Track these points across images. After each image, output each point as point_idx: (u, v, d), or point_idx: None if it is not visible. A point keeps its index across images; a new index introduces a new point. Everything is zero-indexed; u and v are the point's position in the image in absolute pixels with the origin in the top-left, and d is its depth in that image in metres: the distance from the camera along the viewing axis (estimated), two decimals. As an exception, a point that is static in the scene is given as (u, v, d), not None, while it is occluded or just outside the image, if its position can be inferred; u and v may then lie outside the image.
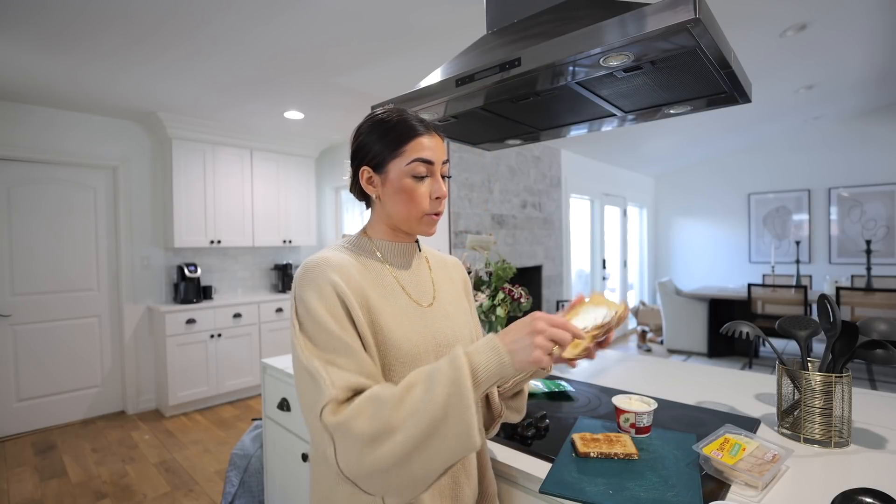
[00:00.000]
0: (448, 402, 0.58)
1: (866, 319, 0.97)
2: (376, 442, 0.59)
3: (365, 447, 0.59)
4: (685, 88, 1.02)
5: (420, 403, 0.59)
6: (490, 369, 0.62)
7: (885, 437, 0.99)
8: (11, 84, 2.80)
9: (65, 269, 3.41)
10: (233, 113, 3.52)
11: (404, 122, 0.77)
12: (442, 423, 0.58)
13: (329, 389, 0.63)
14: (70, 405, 3.43)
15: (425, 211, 0.78)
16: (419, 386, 0.61)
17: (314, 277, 0.71)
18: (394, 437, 0.58)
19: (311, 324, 0.68)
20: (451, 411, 0.58)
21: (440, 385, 0.59)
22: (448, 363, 0.61)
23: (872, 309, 4.09)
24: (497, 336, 0.64)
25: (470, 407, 0.58)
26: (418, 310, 0.79)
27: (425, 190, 0.78)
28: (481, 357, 0.62)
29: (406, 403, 0.60)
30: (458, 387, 0.58)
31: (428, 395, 0.59)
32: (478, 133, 1.45)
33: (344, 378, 0.64)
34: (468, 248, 1.75)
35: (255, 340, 3.95)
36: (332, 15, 2.11)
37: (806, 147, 5.88)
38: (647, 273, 7.28)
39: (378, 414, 0.60)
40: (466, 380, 0.59)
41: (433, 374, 0.61)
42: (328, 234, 4.84)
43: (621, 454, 0.89)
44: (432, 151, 0.77)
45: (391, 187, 0.78)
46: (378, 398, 0.61)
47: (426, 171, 0.77)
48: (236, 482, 1.85)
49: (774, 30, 2.77)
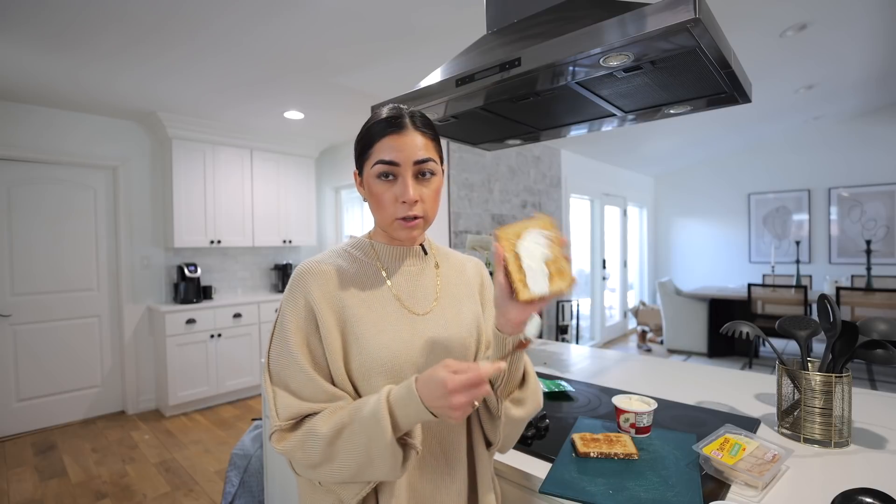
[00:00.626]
0: (370, 449, 0.64)
1: (866, 319, 0.97)
2: (315, 468, 0.68)
3: (307, 469, 0.69)
4: (685, 88, 1.02)
5: (346, 449, 0.65)
6: (410, 419, 0.64)
7: (885, 437, 0.99)
8: (11, 84, 2.80)
9: (65, 269, 3.41)
10: (233, 113, 3.52)
11: (377, 122, 0.74)
12: (368, 466, 0.65)
13: (274, 421, 0.69)
14: (70, 405, 3.42)
15: (393, 216, 0.73)
16: (347, 429, 0.65)
17: (293, 287, 0.75)
18: (329, 465, 0.67)
19: (278, 341, 0.73)
20: (375, 457, 0.64)
21: (363, 435, 0.64)
22: (371, 413, 0.64)
23: (872, 309, 4.09)
24: (416, 387, 0.63)
25: (390, 452, 0.63)
26: (408, 317, 0.76)
27: (391, 193, 0.72)
28: (402, 409, 0.64)
29: (336, 445, 0.66)
30: (379, 441, 0.63)
31: (353, 442, 0.65)
32: (478, 133, 1.45)
33: (290, 408, 0.69)
34: (468, 248, 1.75)
35: (255, 340, 3.95)
36: (332, 15, 2.11)
37: (806, 147, 5.88)
38: (647, 273, 7.28)
39: (312, 449, 0.67)
40: (386, 433, 0.62)
41: (357, 421, 0.65)
42: (328, 234, 4.84)
43: (621, 454, 0.89)
44: (399, 151, 0.71)
45: (366, 191, 0.76)
46: (312, 434, 0.67)
47: (390, 173, 0.72)
48: (236, 482, 1.85)
49: (774, 30, 2.77)
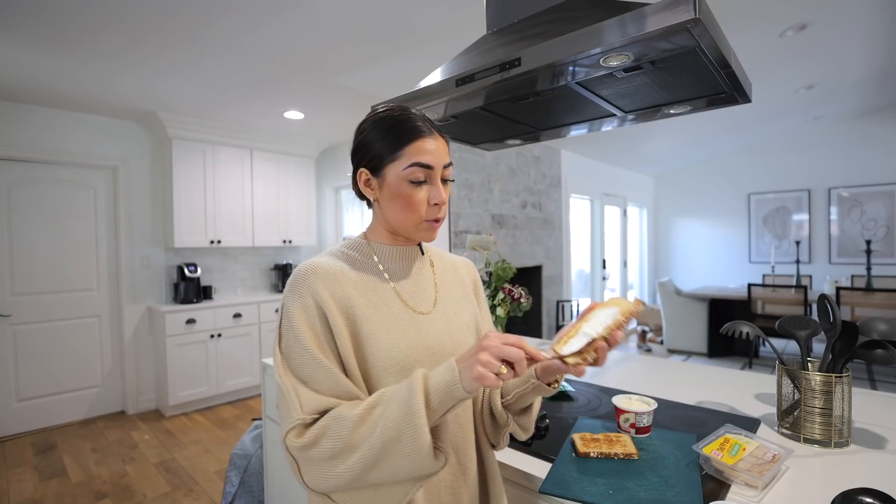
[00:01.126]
0: (401, 422, 0.59)
1: (866, 319, 0.97)
2: (335, 459, 0.61)
3: (326, 465, 0.62)
4: (685, 88, 1.02)
5: (377, 424, 0.61)
6: (440, 390, 0.61)
7: (885, 437, 0.99)
8: (11, 84, 2.80)
9: (65, 269, 3.41)
10: (233, 113, 3.52)
11: (405, 122, 0.73)
12: (395, 443, 0.59)
13: (297, 413, 0.64)
14: (70, 405, 3.43)
15: (423, 218, 0.75)
16: (379, 406, 0.62)
17: (298, 287, 0.71)
18: (352, 456, 0.61)
19: (290, 338, 0.69)
20: (404, 432, 0.59)
21: (394, 406, 0.61)
22: (406, 384, 0.62)
23: (872, 309, 4.09)
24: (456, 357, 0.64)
25: (421, 427, 0.58)
26: (413, 317, 0.76)
27: (423, 196, 0.73)
28: (437, 378, 0.62)
29: (366, 423, 0.61)
30: (409, 408, 0.59)
31: (384, 416, 0.61)
32: (478, 133, 1.45)
33: (314, 401, 0.65)
34: (468, 248, 1.75)
35: (255, 340, 3.95)
36: (332, 15, 2.11)
37: (806, 147, 5.88)
38: (647, 273, 7.28)
39: (339, 433, 0.62)
40: (419, 403, 0.59)
41: (392, 394, 0.62)
42: (328, 234, 4.84)
43: (621, 454, 0.89)
44: (433, 155, 0.73)
45: (388, 192, 0.74)
46: (340, 417, 0.63)
47: (424, 177, 0.73)
48: (236, 482, 1.85)
49: (774, 30, 2.77)
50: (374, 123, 0.76)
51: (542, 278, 4.84)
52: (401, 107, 0.77)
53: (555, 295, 5.08)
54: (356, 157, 0.78)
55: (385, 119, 0.75)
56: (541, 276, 4.84)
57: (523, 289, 1.64)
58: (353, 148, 0.78)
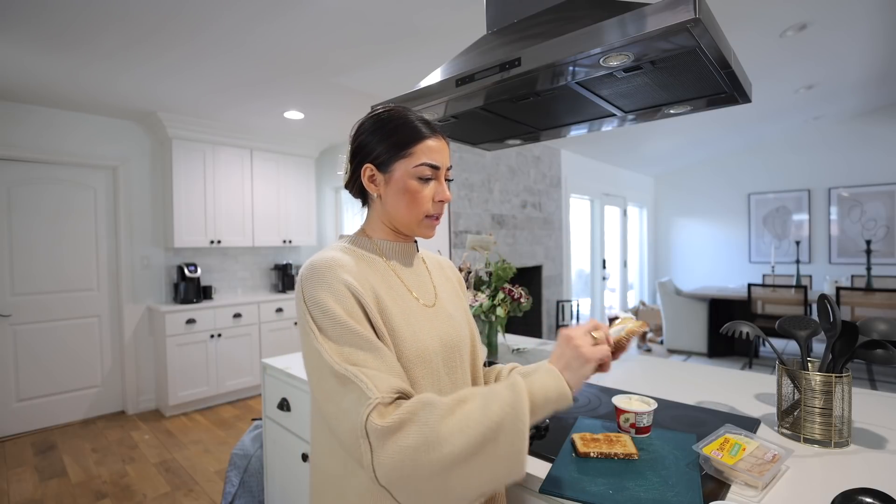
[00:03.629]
0: (503, 422, 0.57)
1: (866, 319, 0.97)
2: (420, 450, 0.57)
3: (409, 453, 0.57)
4: (685, 88, 1.02)
5: (472, 418, 0.58)
6: (550, 395, 0.63)
7: (885, 437, 0.99)
8: (11, 84, 2.80)
9: (65, 269, 3.41)
10: (233, 113, 3.52)
11: (415, 122, 0.77)
12: (492, 442, 0.57)
13: (374, 392, 0.60)
14: (70, 405, 3.43)
15: (427, 213, 0.78)
16: (474, 401, 0.60)
17: (325, 279, 0.69)
18: (439, 448, 0.56)
19: (332, 326, 0.66)
20: (504, 433, 0.57)
21: (497, 404, 0.59)
22: (507, 386, 0.62)
23: (872, 309, 4.09)
24: (550, 361, 0.68)
25: (523, 431, 0.58)
26: (424, 310, 0.79)
27: (429, 192, 0.77)
28: (541, 383, 0.63)
29: (457, 415, 0.58)
30: (515, 409, 0.58)
31: (482, 411, 0.58)
32: (478, 133, 1.45)
33: (385, 381, 0.62)
34: (468, 248, 1.75)
35: (255, 340, 3.95)
36: (333, 16, 2.11)
37: (806, 147, 5.88)
38: (647, 273, 7.28)
39: (428, 420, 0.58)
40: (524, 404, 0.59)
41: (490, 393, 0.61)
42: (328, 234, 4.84)
43: (621, 454, 0.89)
44: (440, 155, 0.77)
45: (395, 187, 0.77)
46: (431, 403, 0.59)
47: (432, 175, 0.77)
48: (236, 482, 1.85)
49: (774, 30, 2.77)
50: (380, 122, 0.78)
51: (542, 278, 4.84)
52: (403, 107, 0.80)
53: (555, 295, 5.08)
54: (359, 154, 0.79)
55: (394, 118, 0.77)
56: (541, 276, 4.84)
57: (523, 289, 1.64)
58: (357, 145, 0.79)
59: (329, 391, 0.64)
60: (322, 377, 0.65)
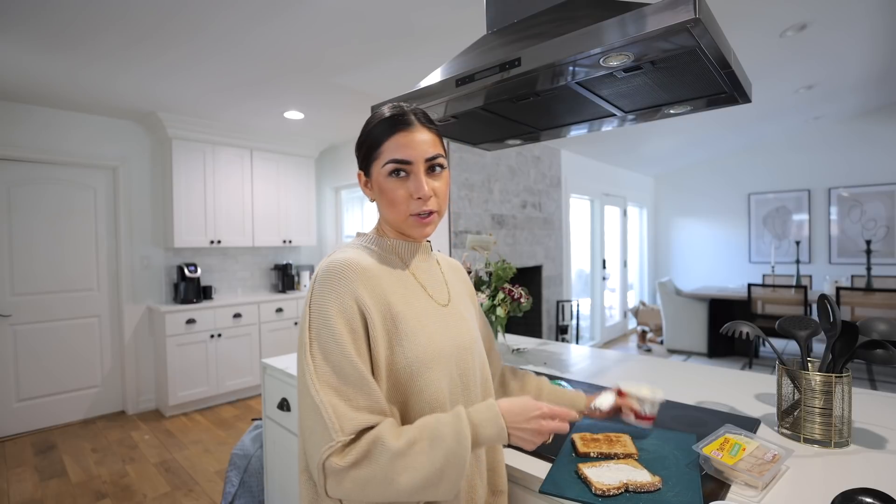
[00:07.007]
0: (445, 467, 0.63)
1: (866, 319, 0.97)
2: (371, 485, 0.62)
3: (361, 486, 0.62)
4: (685, 88, 1.02)
5: (419, 462, 0.62)
6: (489, 439, 0.68)
7: (885, 437, 0.99)
8: (11, 84, 2.80)
9: (65, 269, 3.41)
10: (233, 113, 3.52)
11: (382, 122, 0.75)
12: (435, 485, 0.63)
13: (337, 435, 0.63)
14: (70, 405, 3.43)
15: (408, 212, 0.75)
16: (421, 443, 0.64)
17: (335, 286, 0.68)
18: (390, 486, 0.62)
19: (327, 341, 0.66)
20: (446, 477, 0.63)
21: (440, 452, 0.63)
22: (453, 431, 0.65)
23: (872, 309, 4.09)
24: (501, 412, 0.69)
25: (461, 475, 0.64)
26: (439, 310, 0.79)
27: (405, 191, 0.74)
28: (485, 431, 0.67)
29: (407, 459, 0.62)
30: (457, 457, 0.63)
31: (428, 456, 0.63)
32: (478, 133, 1.45)
33: (353, 421, 0.64)
34: (468, 248, 1.75)
35: (255, 340, 3.95)
36: (332, 15, 2.11)
37: (806, 147, 5.88)
38: (647, 273, 7.28)
39: (379, 461, 0.62)
40: (466, 452, 0.64)
41: (436, 436, 0.64)
42: (328, 234, 4.84)
43: (621, 454, 0.89)
44: (411, 149, 0.73)
45: (376, 190, 0.78)
46: (382, 445, 0.63)
47: (405, 170, 0.74)
48: (236, 482, 1.85)
49: (774, 30, 2.77)
50: (364, 126, 0.79)
51: (542, 278, 4.84)
52: (393, 105, 0.79)
53: (555, 295, 5.08)
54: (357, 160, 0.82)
55: (370, 121, 0.78)
56: (541, 276, 4.84)
57: (523, 289, 1.64)
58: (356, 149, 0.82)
59: (305, 406, 0.67)
60: (303, 391, 0.67)
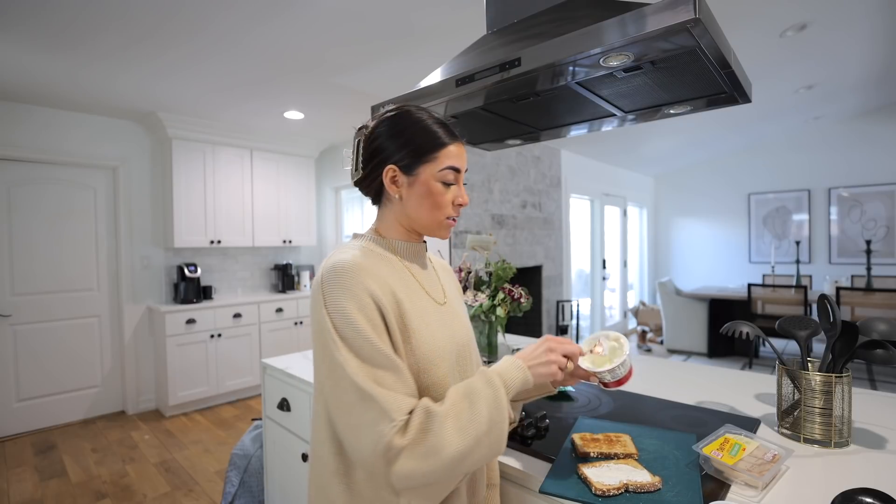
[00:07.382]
0: (491, 418, 0.66)
1: (866, 319, 0.97)
2: (428, 457, 0.63)
3: (422, 461, 0.63)
4: (685, 88, 1.02)
5: (467, 421, 0.65)
6: (516, 385, 0.72)
7: (885, 437, 0.99)
8: (11, 84, 2.80)
9: (65, 269, 3.41)
10: (233, 113, 3.52)
11: (440, 126, 0.78)
12: (485, 436, 0.65)
13: (397, 415, 0.64)
14: (70, 405, 3.43)
15: (448, 215, 0.80)
16: (461, 402, 0.67)
17: (348, 285, 0.69)
18: (445, 452, 0.63)
19: (355, 338, 0.67)
20: (493, 426, 0.66)
21: (482, 404, 0.67)
22: (484, 383, 0.69)
23: (872, 309, 4.09)
24: (517, 356, 0.76)
25: (506, 419, 0.68)
26: (438, 309, 0.81)
27: (450, 196, 0.80)
28: (509, 375, 0.72)
29: (456, 419, 0.65)
30: (497, 404, 0.67)
31: (473, 413, 0.66)
32: (478, 133, 1.45)
33: (403, 403, 0.66)
34: (468, 248, 1.75)
35: (255, 340, 3.95)
36: (332, 15, 2.11)
37: (806, 147, 5.88)
38: (647, 273, 7.28)
39: (433, 428, 0.64)
40: (504, 399, 0.68)
41: (473, 393, 0.68)
42: (328, 234, 4.84)
43: (621, 454, 0.89)
44: (461, 160, 0.80)
45: (419, 190, 0.78)
46: (431, 413, 0.65)
47: (454, 179, 0.79)
48: (236, 482, 1.85)
49: (774, 30, 2.77)
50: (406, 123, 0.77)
51: (542, 278, 4.84)
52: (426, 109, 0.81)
53: (555, 295, 5.08)
54: (380, 155, 0.78)
55: (419, 121, 0.78)
56: (541, 276, 4.84)
57: (523, 289, 1.64)
58: (378, 145, 0.78)
59: (348, 404, 0.66)
60: (341, 389, 0.67)
